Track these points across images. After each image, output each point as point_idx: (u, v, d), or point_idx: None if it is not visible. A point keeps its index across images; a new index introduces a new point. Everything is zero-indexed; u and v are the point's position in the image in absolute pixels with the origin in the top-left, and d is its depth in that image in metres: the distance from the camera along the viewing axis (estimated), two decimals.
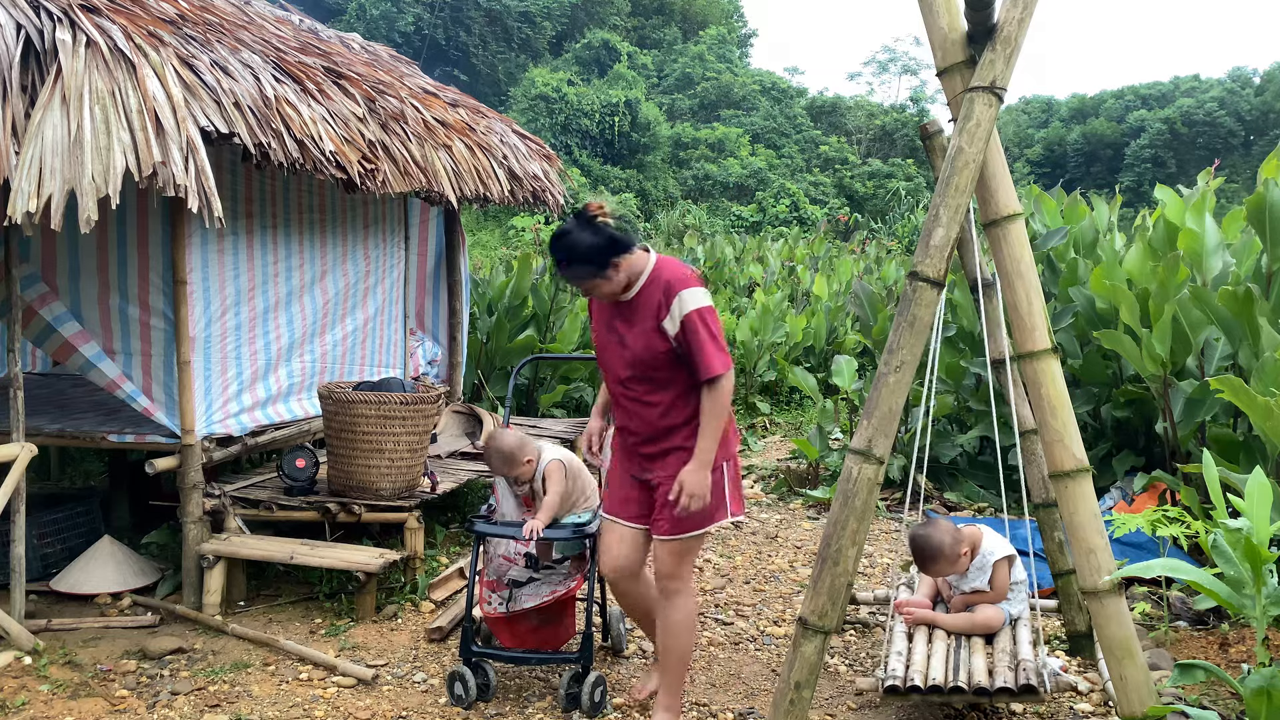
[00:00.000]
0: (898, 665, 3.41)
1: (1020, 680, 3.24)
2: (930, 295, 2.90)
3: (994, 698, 3.27)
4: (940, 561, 3.65)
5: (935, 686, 3.28)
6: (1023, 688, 3.22)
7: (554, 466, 3.74)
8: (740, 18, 47.55)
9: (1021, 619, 3.66)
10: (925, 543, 3.65)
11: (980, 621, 3.64)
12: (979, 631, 3.64)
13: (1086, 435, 5.84)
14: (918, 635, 3.66)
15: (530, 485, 3.82)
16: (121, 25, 3.90)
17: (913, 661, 3.44)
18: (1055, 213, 6.43)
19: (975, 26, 2.98)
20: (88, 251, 4.73)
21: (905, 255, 18.37)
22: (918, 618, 3.72)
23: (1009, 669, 3.35)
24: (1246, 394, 3.65)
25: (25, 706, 3.55)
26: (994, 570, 3.66)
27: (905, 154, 36.49)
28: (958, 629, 3.66)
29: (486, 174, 6.12)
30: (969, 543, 3.69)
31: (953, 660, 3.47)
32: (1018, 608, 3.69)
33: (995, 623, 3.63)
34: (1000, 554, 3.68)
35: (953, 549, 3.63)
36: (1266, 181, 4.70)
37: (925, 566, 3.72)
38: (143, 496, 5.44)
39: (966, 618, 3.67)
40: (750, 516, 6.34)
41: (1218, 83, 45.15)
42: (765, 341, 10.34)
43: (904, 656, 3.49)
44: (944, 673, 3.36)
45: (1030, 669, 3.28)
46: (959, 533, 3.68)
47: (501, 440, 3.72)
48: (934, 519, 3.73)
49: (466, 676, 3.61)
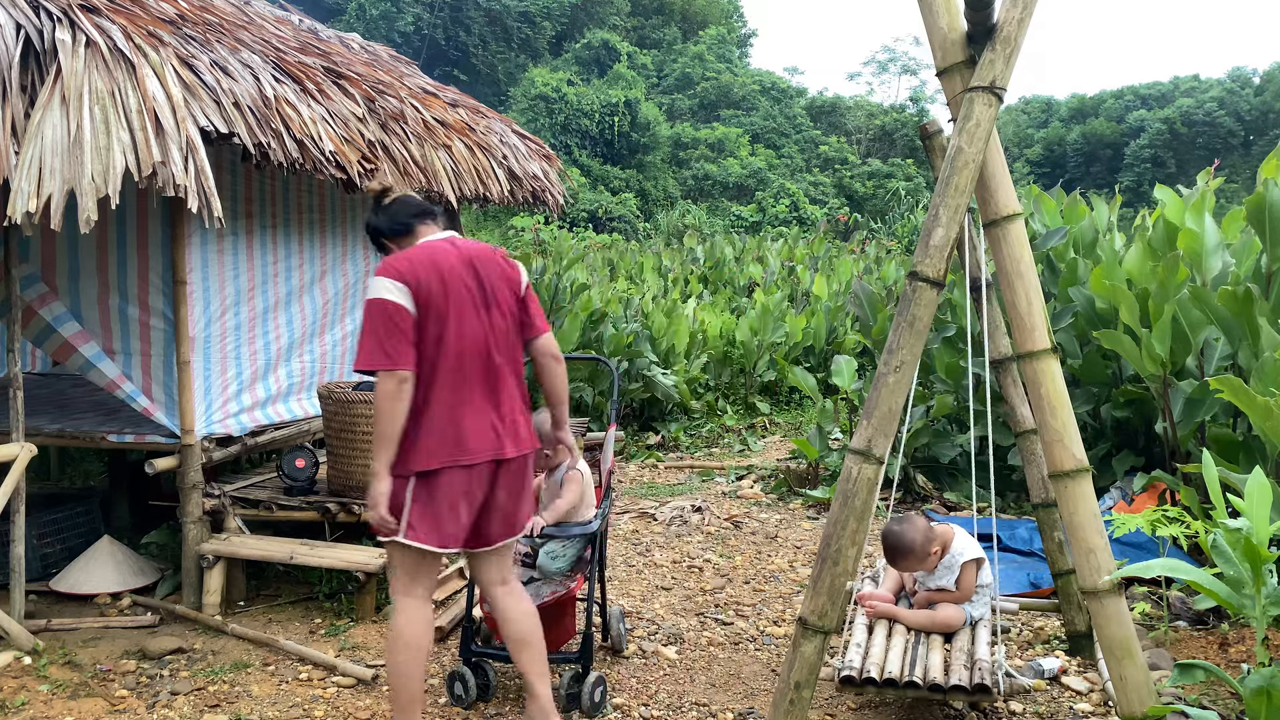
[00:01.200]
0: (855, 656, 3.42)
1: (974, 679, 3.25)
2: (930, 295, 2.90)
3: (948, 695, 3.28)
4: (910, 558, 3.67)
5: (890, 680, 3.29)
6: (976, 686, 3.23)
7: (575, 475, 3.77)
8: (740, 18, 47.58)
9: (983, 621, 3.67)
10: (898, 539, 3.66)
11: (941, 620, 3.65)
12: (939, 630, 3.65)
13: (1086, 435, 5.84)
14: (878, 628, 3.68)
15: (548, 475, 3.85)
16: (121, 25, 3.90)
17: (870, 654, 3.46)
18: (1055, 213, 6.43)
19: (975, 26, 2.98)
20: (87, 251, 4.73)
21: (905, 255, 18.37)
22: (879, 611, 3.73)
23: (964, 667, 3.36)
24: (1246, 394, 3.64)
25: (25, 706, 3.55)
26: (961, 571, 3.66)
27: (905, 154, 36.51)
28: (918, 626, 3.67)
29: (486, 174, 6.12)
30: (940, 542, 3.70)
31: (910, 655, 3.49)
32: (980, 610, 3.69)
33: (955, 622, 3.64)
34: (970, 555, 3.68)
35: (923, 547, 3.64)
36: (1266, 181, 4.69)
37: (895, 561, 3.74)
38: (142, 496, 5.44)
39: (927, 615, 3.68)
40: (750, 516, 6.34)
41: (1217, 83, 45.18)
42: (765, 341, 10.35)
43: (862, 648, 3.51)
44: (900, 667, 3.37)
45: (985, 668, 3.29)
46: (931, 531, 3.69)
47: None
48: (909, 516, 3.73)
49: (466, 676, 3.61)
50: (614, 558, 5.44)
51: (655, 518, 6.24)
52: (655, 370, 8.88)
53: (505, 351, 3.16)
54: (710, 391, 10.27)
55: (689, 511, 6.32)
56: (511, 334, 3.19)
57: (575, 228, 24.76)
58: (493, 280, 3.15)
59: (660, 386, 8.87)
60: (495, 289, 3.15)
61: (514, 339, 3.21)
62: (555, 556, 3.72)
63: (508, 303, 3.18)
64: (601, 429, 7.75)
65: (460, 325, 3.05)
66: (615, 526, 6.08)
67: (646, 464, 8.04)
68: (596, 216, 26.29)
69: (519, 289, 3.23)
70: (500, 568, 3.29)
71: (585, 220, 26.00)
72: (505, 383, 3.16)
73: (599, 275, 14.17)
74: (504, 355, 3.16)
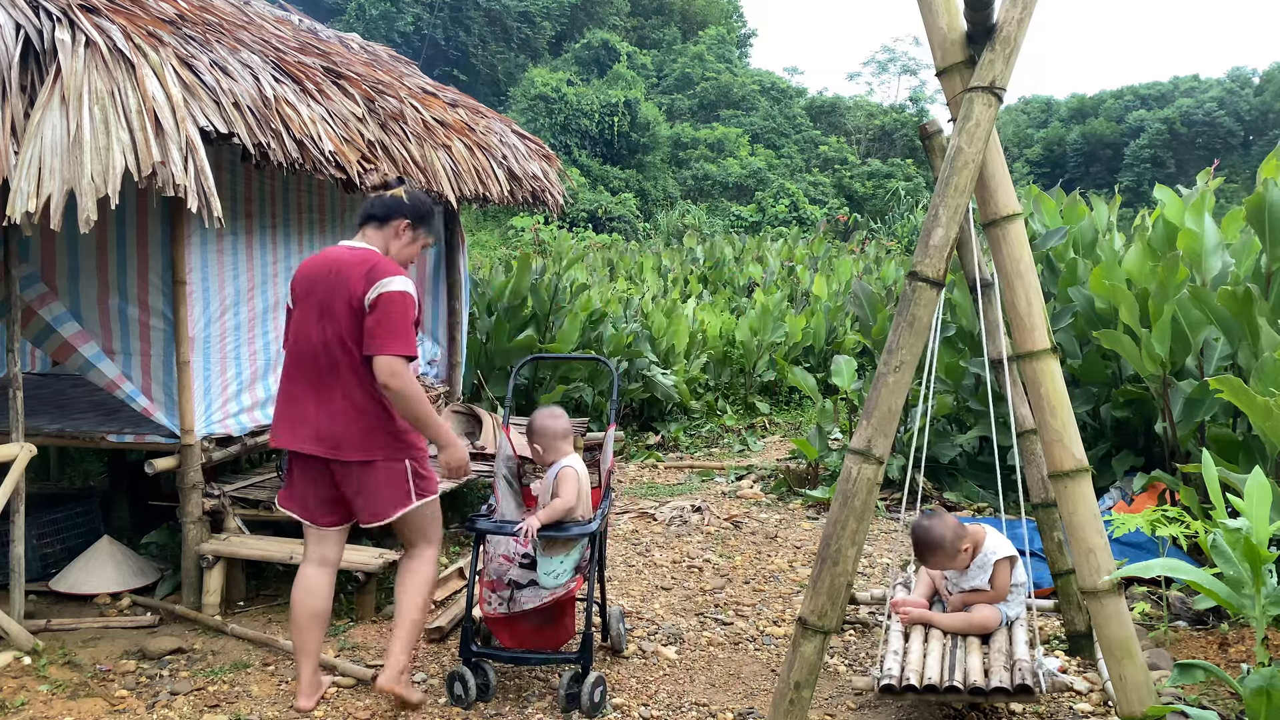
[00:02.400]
0: (894, 664, 3.41)
1: (1016, 680, 3.24)
2: (929, 295, 2.90)
3: (989, 697, 3.27)
4: (939, 554, 3.65)
5: (931, 686, 3.27)
6: (1018, 688, 3.21)
7: (570, 473, 3.70)
8: (740, 18, 47.59)
9: (1018, 620, 3.66)
10: (926, 534, 3.65)
11: (976, 621, 3.63)
12: (975, 631, 3.64)
13: (1086, 435, 5.84)
14: (914, 634, 3.66)
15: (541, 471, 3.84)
16: (121, 25, 3.90)
17: (909, 661, 3.44)
18: (1054, 213, 6.43)
19: (975, 26, 2.98)
20: (87, 252, 4.73)
21: (904, 255, 18.37)
22: (914, 617, 3.72)
23: (1004, 669, 3.35)
24: (1246, 394, 3.64)
25: (25, 707, 3.55)
26: (995, 570, 3.66)
27: (905, 154, 36.52)
28: (954, 629, 3.66)
29: (486, 174, 6.12)
30: (971, 540, 3.69)
31: (948, 660, 3.47)
32: (1015, 609, 3.68)
33: (991, 623, 3.63)
34: (1002, 554, 3.68)
35: (953, 544, 3.63)
36: (1266, 181, 4.70)
37: (924, 558, 3.72)
38: (142, 496, 5.44)
39: (963, 618, 3.66)
40: (750, 516, 6.34)
41: (1217, 83, 45.20)
42: (765, 341, 10.35)
43: (900, 656, 3.48)
44: (939, 672, 3.36)
45: (1026, 669, 3.28)
46: (961, 529, 3.68)
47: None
48: (938, 511, 3.72)
49: (466, 676, 3.61)
50: (614, 558, 5.44)
51: (655, 518, 6.24)
52: (655, 370, 8.89)
53: (335, 357, 3.36)
54: (710, 391, 10.27)
55: (689, 511, 6.32)
56: (347, 343, 3.35)
57: (575, 228, 24.77)
58: (334, 290, 3.35)
59: (660, 386, 8.87)
60: (333, 299, 3.35)
61: (350, 348, 3.35)
62: (556, 575, 3.67)
63: (343, 314, 3.33)
64: (601, 429, 7.75)
65: (300, 326, 3.43)
66: (615, 526, 6.08)
67: (646, 464, 8.04)
68: (596, 216, 26.29)
69: (357, 303, 3.32)
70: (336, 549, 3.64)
71: (585, 220, 26.01)
72: (333, 387, 3.38)
73: (599, 275, 14.18)
74: (332, 360, 3.37)
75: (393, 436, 3.43)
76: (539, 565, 3.67)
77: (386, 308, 3.28)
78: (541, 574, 3.67)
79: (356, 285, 3.31)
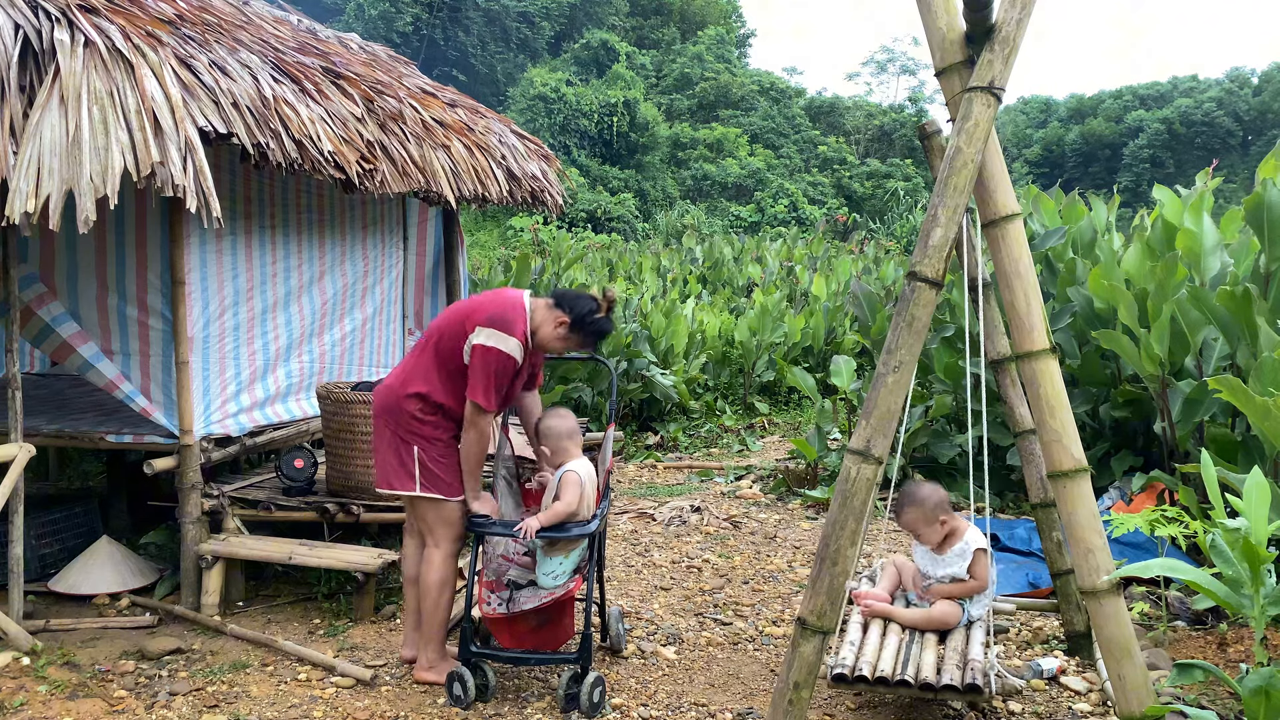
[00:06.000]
0: (848, 654, 3.44)
1: (966, 679, 3.26)
2: (929, 295, 2.90)
3: (939, 694, 3.29)
4: (915, 511, 3.69)
5: (882, 678, 3.31)
6: (968, 686, 3.24)
7: (572, 478, 3.69)
8: (739, 18, 47.57)
9: (979, 622, 3.67)
10: (914, 490, 3.72)
11: (936, 617, 3.65)
12: (934, 627, 3.65)
13: (1085, 435, 5.82)
14: (873, 627, 3.69)
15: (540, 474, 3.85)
16: (120, 25, 3.90)
17: (864, 652, 3.47)
18: (1053, 213, 6.43)
19: (973, 27, 2.98)
20: (86, 252, 4.73)
21: (903, 255, 18.37)
22: (874, 610, 3.74)
23: (956, 667, 3.37)
24: (1244, 394, 3.65)
25: (23, 707, 3.54)
26: (975, 558, 3.65)
27: (904, 154, 36.53)
28: (913, 624, 3.68)
29: (485, 174, 6.12)
30: (952, 521, 3.70)
31: (903, 654, 3.50)
32: (979, 609, 3.69)
33: (951, 619, 3.64)
34: (982, 544, 3.68)
35: (933, 510, 3.65)
36: (1264, 181, 4.70)
37: (900, 513, 3.77)
38: (141, 497, 5.44)
39: (922, 613, 3.68)
40: (749, 516, 6.34)
41: (1216, 83, 45.25)
42: (764, 341, 10.35)
43: (855, 647, 3.52)
44: (893, 666, 3.38)
45: (978, 668, 3.30)
46: (946, 503, 3.70)
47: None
48: (934, 484, 3.76)
49: (465, 677, 3.61)
50: (613, 558, 5.44)
51: (654, 518, 6.24)
52: (654, 370, 8.88)
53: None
54: (709, 392, 10.27)
55: (688, 512, 6.32)
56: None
57: (574, 228, 24.77)
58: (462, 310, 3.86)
59: (659, 386, 8.87)
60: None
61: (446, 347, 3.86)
62: (555, 576, 3.67)
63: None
64: (600, 429, 7.75)
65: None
66: (614, 527, 6.08)
67: (645, 464, 8.04)
68: (595, 217, 26.29)
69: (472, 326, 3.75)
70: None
71: (584, 220, 26.00)
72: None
73: (598, 275, 14.17)
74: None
75: (410, 417, 3.74)
76: (538, 566, 3.68)
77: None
78: (541, 574, 3.67)
79: (479, 316, 3.67)
